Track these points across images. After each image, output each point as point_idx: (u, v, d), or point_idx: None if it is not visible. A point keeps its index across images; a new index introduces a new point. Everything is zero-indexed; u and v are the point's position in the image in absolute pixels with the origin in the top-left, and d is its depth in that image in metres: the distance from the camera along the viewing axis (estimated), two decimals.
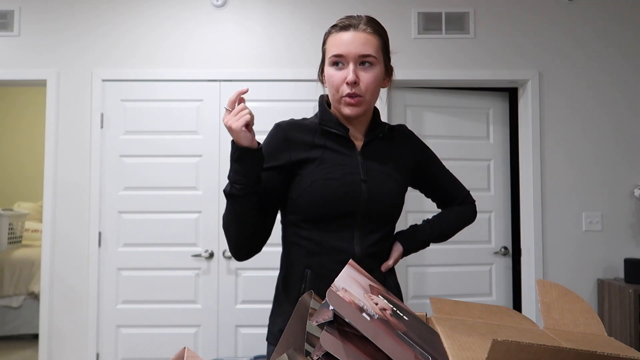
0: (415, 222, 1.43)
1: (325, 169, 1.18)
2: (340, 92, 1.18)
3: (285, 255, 1.26)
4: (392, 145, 1.30)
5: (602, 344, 0.67)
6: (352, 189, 1.18)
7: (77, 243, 2.94)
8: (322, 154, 1.20)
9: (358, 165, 1.21)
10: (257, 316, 2.90)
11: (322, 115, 1.24)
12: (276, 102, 2.99)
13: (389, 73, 1.26)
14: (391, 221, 1.26)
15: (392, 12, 3.05)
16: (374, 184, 1.20)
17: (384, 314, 0.65)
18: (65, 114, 2.98)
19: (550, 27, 3.06)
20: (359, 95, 1.17)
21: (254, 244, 1.20)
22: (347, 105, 1.18)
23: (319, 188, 1.16)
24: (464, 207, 1.41)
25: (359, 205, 1.18)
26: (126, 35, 3.02)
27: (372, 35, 1.17)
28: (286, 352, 0.63)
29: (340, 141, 1.22)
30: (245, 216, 1.14)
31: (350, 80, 1.15)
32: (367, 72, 1.17)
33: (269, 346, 1.25)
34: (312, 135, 1.22)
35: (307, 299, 0.75)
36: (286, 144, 1.21)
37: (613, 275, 2.97)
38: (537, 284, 0.83)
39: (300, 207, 1.19)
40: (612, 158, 3.02)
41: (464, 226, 1.41)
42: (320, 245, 1.19)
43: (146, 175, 2.96)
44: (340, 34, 1.18)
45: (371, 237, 1.20)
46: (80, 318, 2.91)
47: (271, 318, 1.26)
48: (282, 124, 1.24)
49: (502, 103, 3.28)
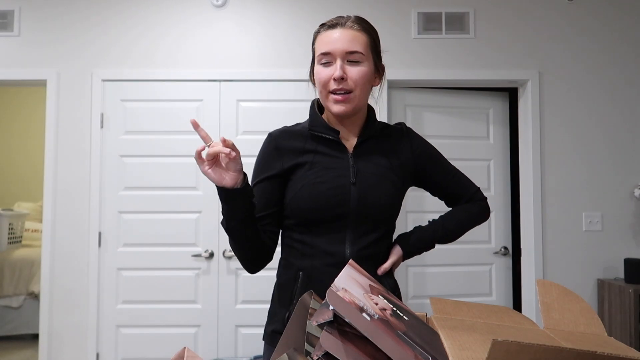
0: (415, 222, 1.42)
1: (315, 172, 1.18)
2: (327, 89, 1.17)
3: (282, 257, 1.27)
4: (388, 144, 1.27)
5: (602, 344, 0.67)
6: (341, 191, 1.17)
7: (77, 243, 2.94)
8: (313, 158, 1.20)
9: (349, 168, 1.20)
10: (257, 316, 2.90)
11: (312, 120, 1.24)
12: (277, 102, 2.99)
13: (379, 72, 1.24)
14: (386, 223, 1.23)
15: (392, 12, 3.05)
16: (364, 186, 1.18)
17: (384, 314, 0.65)
18: (65, 114, 2.98)
19: (550, 27, 3.06)
20: (347, 91, 1.15)
21: (261, 258, 1.21)
22: (335, 102, 1.17)
23: (308, 192, 1.17)
24: (472, 204, 1.34)
25: (349, 208, 1.17)
26: (126, 35, 3.02)
27: (359, 33, 1.17)
28: (286, 352, 0.63)
29: (331, 145, 1.22)
30: (245, 242, 1.16)
31: (337, 76, 1.14)
32: (355, 68, 1.15)
33: (265, 345, 1.26)
34: (303, 141, 1.23)
35: (307, 299, 0.75)
36: (278, 153, 1.22)
37: (613, 275, 2.97)
38: (537, 284, 0.83)
39: (292, 211, 1.20)
40: (612, 158, 3.02)
41: (473, 225, 1.34)
42: (312, 248, 1.19)
43: (146, 175, 2.96)
44: (328, 32, 1.18)
45: (364, 240, 1.19)
46: (80, 318, 2.91)
47: (267, 318, 1.28)
48: (274, 133, 1.25)
49: (502, 103, 3.28)
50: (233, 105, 2.99)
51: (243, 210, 1.10)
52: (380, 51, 1.24)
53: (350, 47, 1.15)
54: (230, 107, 2.99)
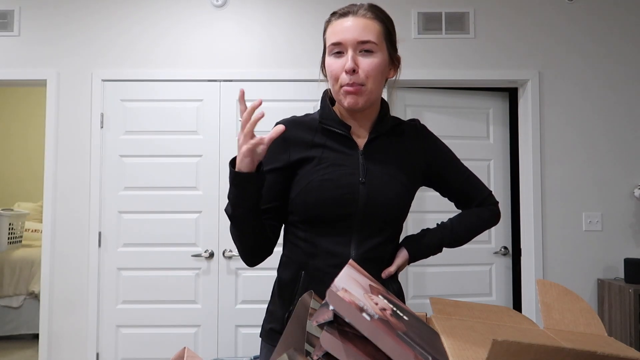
0: (415, 222, 1.41)
1: (323, 169, 1.14)
2: (340, 82, 1.11)
3: (283, 254, 1.24)
4: (401, 142, 1.22)
5: (602, 344, 0.67)
6: (349, 190, 1.13)
7: (77, 243, 2.94)
8: (322, 153, 1.15)
9: (358, 166, 1.15)
10: (257, 316, 2.90)
11: (323, 113, 1.19)
12: (277, 102, 2.99)
13: (394, 63, 1.19)
14: (393, 225, 1.19)
15: (392, 12, 3.03)
16: (373, 186, 1.14)
17: (384, 314, 0.65)
18: (65, 114, 2.98)
19: (550, 27, 3.06)
20: (358, 84, 1.10)
21: (263, 251, 1.17)
22: (346, 94, 1.11)
23: (315, 189, 1.12)
24: (483, 209, 1.30)
25: (357, 208, 1.13)
26: (126, 35, 3.02)
27: (372, 21, 1.12)
28: (286, 352, 0.63)
29: (341, 140, 1.17)
30: (249, 232, 1.12)
31: (349, 68, 1.08)
32: (367, 59, 1.10)
33: (261, 342, 1.23)
34: (312, 133, 1.18)
35: (307, 299, 0.75)
36: (285, 144, 1.17)
37: (613, 275, 2.97)
38: (537, 284, 0.83)
39: (297, 207, 1.15)
40: (612, 158, 3.02)
41: (482, 229, 1.30)
42: (316, 247, 1.15)
43: (146, 175, 2.96)
44: (339, 20, 1.12)
45: (370, 242, 1.15)
46: (80, 318, 2.91)
47: (266, 314, 1.25)
48: (283, 122, 1.20)
49: (502, 103, 3.28)
50: (233, 105, 2.99)
51: (253, 198, 1.06)
52: (395, 41, 1.18)
53: (363, 37, 1.09)
54: (230, 107, 2.99)
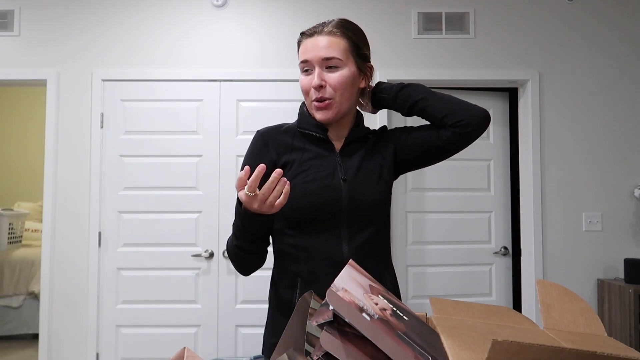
0: (415, 222, 1.41)
1: (304, 171, 1.18)
2: (310, 97, 1.19)
3: (275, 265, 1.25)
4: (373, 145, 1.27)
5: (602, 344, 0.67)
6: (332, 189, 1.17)
7: (77, 243, 2.94)
8: (301, 156, 1.20)
9: (337, 166, 1.20)
10: (257, 316, 2.90)
11: (301, 119, 1.25)
12: (277, 102, 2.99)
13: (366, 73, 1.23)
14: (378, 219, 1.21)
15: (392, 12, 3.05)
16: (354, 182, 1.18)
17: (384, 314, 0.65)
18: (65, 114, 2.98)
19: (550, 27, 3.05)
20: (327, 98, 1.16)
21: (258, 266, 1.20)
22: (317, 110, 1.18)
23: (300, 192, 1.15)
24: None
25: (342, 205, 1.16)
26: (126, 35, 3.02)
27: (337, 38, 1.17)
28: (286, 352, 0.63)
29: (319, 142, 1.22)
30: (252, 257, 1.16)
31: (315, 84, 1.15)
32: (333, 74, 1.16)
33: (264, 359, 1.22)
34: (291, 137, 1.23)
35: (307, 298, 0.75)
36: (267, 148, 1.22)
37: (613, 275, 2.97)
38: (537, 284, 0.83)
39: (283, 212, 1.17)
40: (612, 158, 3.02)
41: (462, 106, 1.19)
42: (307, 251, 1.17)
43: (146, 175, 2.96)
44: (306, 40, 1.19)
45: (360, 236, 1.18)
46: (80, 318, 2.91)
47: (265, 330, 1.24)
48: (262, 130, 1.26)
49: (502, 103, 3.28)
50: (233, 105, 2.99)
51: (259, 233, 1.11)
52: (364, 53, 1.21)
53: (326, 54, 1.15)
54: (230, 107, 2.99)
